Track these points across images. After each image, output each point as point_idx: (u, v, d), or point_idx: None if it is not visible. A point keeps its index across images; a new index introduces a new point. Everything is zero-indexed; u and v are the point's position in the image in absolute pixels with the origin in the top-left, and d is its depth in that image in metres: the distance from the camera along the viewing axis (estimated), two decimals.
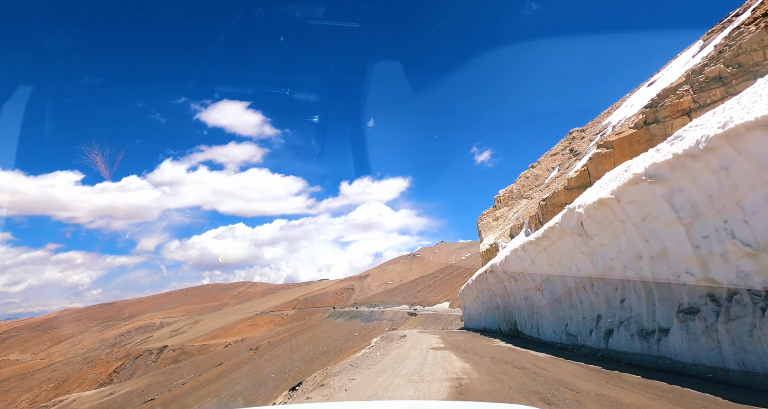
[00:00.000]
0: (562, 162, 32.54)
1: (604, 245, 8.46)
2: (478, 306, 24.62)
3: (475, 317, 26.98)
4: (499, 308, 18.95)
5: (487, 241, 31.48)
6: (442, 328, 42.30)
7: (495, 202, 40.13)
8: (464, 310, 33.20)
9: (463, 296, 28.91)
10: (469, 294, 26.31)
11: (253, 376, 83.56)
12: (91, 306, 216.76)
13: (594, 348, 9.14)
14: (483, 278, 20.21)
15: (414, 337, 17.75)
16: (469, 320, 30.23)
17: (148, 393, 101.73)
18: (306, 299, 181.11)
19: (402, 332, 22.24)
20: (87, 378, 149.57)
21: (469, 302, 27.46)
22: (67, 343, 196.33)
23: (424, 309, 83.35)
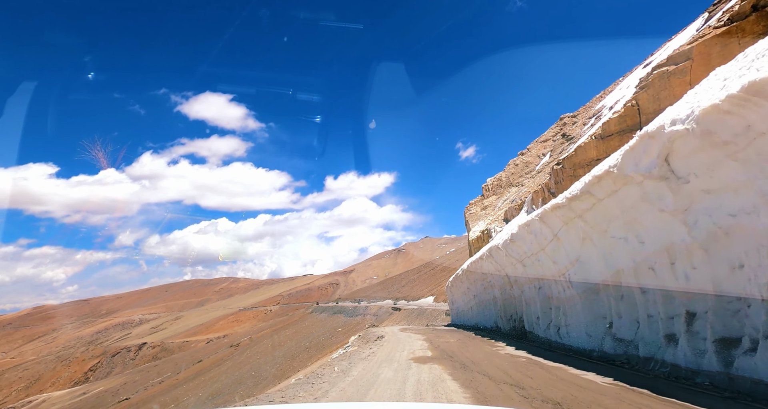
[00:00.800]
0: (554, 148, 29.03)
1: (714, 191, 4.70)
2: (469, 300, 21.33)
3: (465, 313, 23.58)
4: (496, 302, 15.39)
5: (477, 228, 27.88)
6: (427, 324, 38.67)
7: (483, 191, 36.75)
8: (452, 304, 29.82)
9: (451, 288, 25.26)
10: (459, 286, 22.80)
11: (233, 374, 79.87)
12: (66, 303, 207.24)
13: (681, 366, 5.41)
14: (476, 266, 16.66)
15: (393, 338, 14.09)
16: (458, 315, 26.87)
17: (123, 392, 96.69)
18: (290, 295, 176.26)
19: (381, 331, 18.54)
20: (61, 377, 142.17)
21: (458, 296, 24.04)
22: (40, 341, 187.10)
23: (408, 304, 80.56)
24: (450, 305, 30.67)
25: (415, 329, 20.81)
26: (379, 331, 17.99)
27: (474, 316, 21.47)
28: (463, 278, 20.95)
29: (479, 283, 17.97)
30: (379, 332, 17.53)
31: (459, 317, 27.10)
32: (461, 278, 21.50)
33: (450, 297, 28.49)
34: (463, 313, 24.62)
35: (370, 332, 18.73)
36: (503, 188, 34.80)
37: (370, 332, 19.45)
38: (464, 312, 24.32)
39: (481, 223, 31.42)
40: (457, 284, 23.13)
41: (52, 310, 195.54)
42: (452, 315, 31.13)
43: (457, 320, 28.16)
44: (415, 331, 18.30)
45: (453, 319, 30.54)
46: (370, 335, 16.86)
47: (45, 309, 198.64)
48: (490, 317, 17.58)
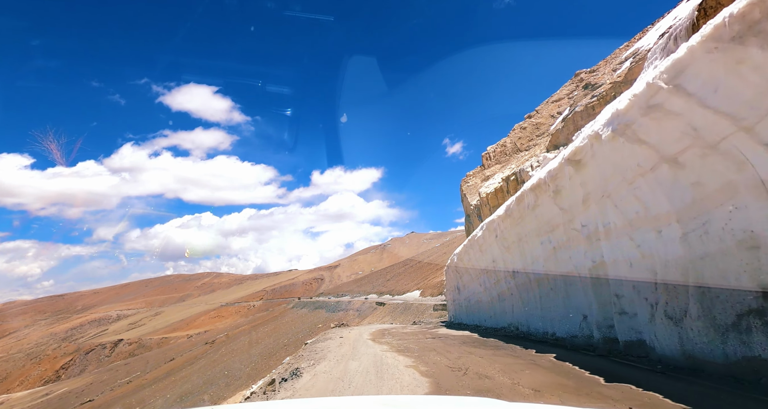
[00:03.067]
0: (574, 101, 21.46)
1: None
2: (496, 284, 12.84)
3: (482, 307, 14.47)
4: (576, 286, 7.85)
5: (491, 182, 20.84)
6: (415, 321, 31.29)
7: (483, 161, 29.86)
8: (455, 293, 20.17)
9: (457, 268, 15.94)
10: (475, 260, 13.68)
11: (205, 373, 72.06)
12: (40, 298, 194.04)
13: None
14: (518, 215, 9.42)
15: (343, 370, 6.75)
16: (466, 310, 17.28)
17: (88, 393, 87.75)
18: (274, 290, 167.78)
19: (341, 338, 11.36)
20: (30, 376, 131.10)
21: (468, 280, 15.31)
22: (11, 338, 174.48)
23: (393, 299, 73.92)
24: (451, 294, 21.33)
25: (398, 333, 13.27)
26: (341, 335, 11.04)
27: (499, 312, 12.76)
28: (485, 244, 12.10)
29: (528, 248, 9.77)
30: (337, 339, 10.42)
31: (467, 314, 17.70)
32: (481, 244, 12.45)
33: (453, 283, 18.96)
34: (476, 307, 15.40)
35: (315, 348, 10.81)
36: (508, 156, 27.91)
37: (317, 347, 11.64)
38: (478, 306, 15.03)
39: (475, 199, 24.50)
40: (471, 258, 13.57)
41: (24, 306, 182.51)
42: (454, 309, 21.32)
43: (460, 316, 18.88)
44: (400, 336, 11.34)
45: (455, 314, 21.09)
46: (311, 354, 9.53)
47: (17, 305, 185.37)
48: (553, 314, 9.04)
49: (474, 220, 23.22)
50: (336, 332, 14.79)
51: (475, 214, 22.73)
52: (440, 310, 50.48)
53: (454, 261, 17.17)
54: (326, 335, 13.18)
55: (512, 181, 15.42)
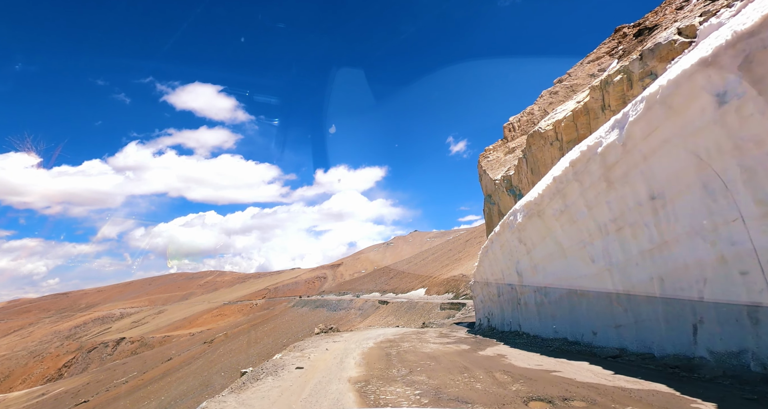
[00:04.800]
0: (626, 50, 16.26)
1: None
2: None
3: (561, 310, 8.46)
4: None
5: (564, 108, 16.06)
6: (424, 322, 26.68)
7: (505, 133, 25.36)
8: (484, 289, 14.91)
9: (505, 245, 10.14)
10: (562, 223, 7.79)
11: (202, 374, 67.98)
12: (44, 296, 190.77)
13: None
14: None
15: None
16: (514, 314, 11.22)
17: (84, 394, 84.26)
18: (276, 288, 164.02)
19: (299, 366, 6.88)
20: (33, 374, 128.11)
21: (542, 256, 8.70)
22: (15, 335, 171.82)
23: (397, 297, 69.52)
24: (480, 289, 16.30)
25: (415, 356, 7.38)
26: (288, 370, 6.33)
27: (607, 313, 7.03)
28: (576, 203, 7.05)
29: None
30: (279, 377, 5.98)
31: (540, 317, 10.46)
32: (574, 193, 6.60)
33: (487, 269, 13.61)
34: (549, 308, 9.33)
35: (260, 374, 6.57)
36: (537, 125, 23.09)
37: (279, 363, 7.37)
38: (550, 307, 9.26)
39: (503, 170, 20.00)
40: (536, 230, 8.66)
41: (29, 303, 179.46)
42: (481, 310, 16.38)
43: (498, 319, 13.15)
44: (426, 368, 6.36)
45: (482, 318, 16.07)
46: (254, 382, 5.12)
47: (21, 302, 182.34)
48: None
49: (501, 197, 18.63)
50: (311, 345, 9.66)
51: (502, 188, 18.13)
52: (447, 309, 45.75)
53: (492, 242, 11.30)
54: (292, 352, 8.65)
55: (616, 84, 9.37)
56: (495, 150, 25.55)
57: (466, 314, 33.34)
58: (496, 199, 21.05)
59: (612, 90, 9.28)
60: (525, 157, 15.34)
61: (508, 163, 21.88)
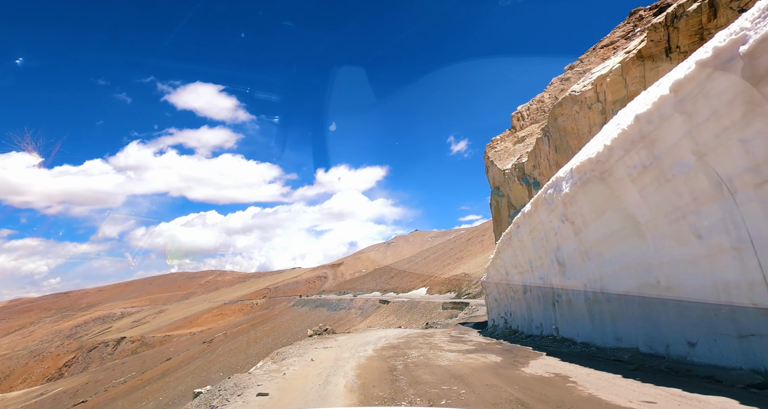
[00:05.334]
0: (652, 29, 13.13)
1: None
2: None
3: (629, 310, 6.04)
4: None
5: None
6: (426, 323, 24.47)
7: (513, 122, 23.16)
8: (504, 285, 12.56)
9: (538, 228, 8.01)
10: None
11: (200, 374, 66.12)
12: (45, 296, 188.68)
13: None
14: None
15: None
16: (547, 314, 8.82)
17: (82, 394, 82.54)
18: (277, 288, 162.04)
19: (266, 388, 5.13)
20: (33, 373, 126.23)
21: (598, 237, 6.62)
22: (16, 335, 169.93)
23: (398, 296, 67.47)
24: (494, 286, 13.91)
25: (428, 369, 6.52)
26: (248, 391, 4.70)
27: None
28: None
29: None
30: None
31: (551, 315, 8.91)
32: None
33: (508, 262, 11.27)
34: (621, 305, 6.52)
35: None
36: (548, 112, 20.84)
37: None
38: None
39: (512, 160, 17.86)
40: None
41: (29, 303, 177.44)
42: (499, 306, 13.80)
43: (523, 320, 10.88)
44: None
45: (500, 316, 13.60)
46: None
47: (22, 302, 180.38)
48: None
49: (512, 187, 16.54)
50: (296, 353, 7.57)
51: (513, 177, 16.01)
52: (450, 309, 43.57)
53: (517, 227, 9.23)
54: (268, 364, 6.69)
55: (691, 16, 6.96)
56: (503, 140, 23.44)
57: (470, 313, 31.07)
58: (505, 191, 18.93)
59: (684, 25, 7.10)
60: (546, 135, 13.18)
61: (519, 152, 19.81)
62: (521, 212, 8.53)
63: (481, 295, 50.76)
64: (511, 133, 23.37)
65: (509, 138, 22.72)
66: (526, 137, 20.60)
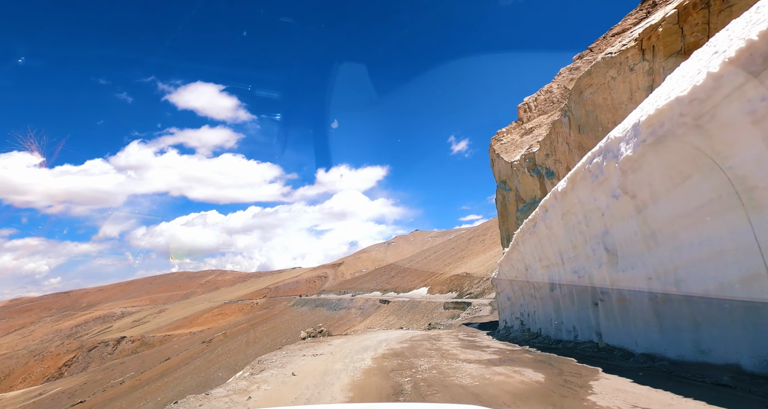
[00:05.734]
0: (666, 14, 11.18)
1: None
2: None
3: (727, 314, 4.11)
4: None
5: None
6: (429, 323, 22.92)
7: (519, 114, 21.69)
8: (521, 282, 10.90)
9: (574, 210, 6.29)
10: None
11: (199, 374, 64.81)
12: (46, 295, 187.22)
13: None
14: None
15: None
16: (585, 316, 6.88)
17: (81, 394, 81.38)
18: (277, 288, 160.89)
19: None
20: (33, 373, 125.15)
21: (674, 213, 4.60)
22: (16, 334, 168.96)
23: (398, 296, 65.94)
24: (508, 284, 12.49)
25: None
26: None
27: None
28: None
29: None
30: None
31: (590, 317, 6.88)
32: None
33: (528, 255, 9.63)
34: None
35: None
36: (556, 103, 19.47)
37: None
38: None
39: (521, 151, 16.33)
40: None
41: (30, 302, 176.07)
42: (513, 305, 12.37)
43: (547, 322, 9.10)
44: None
45: (514, 317, 12.20)
46: None
47: (23, 301, 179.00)
48: None
49: (521, 179, 15.11)
50: (279, 362, 6.25)
51: (523, 169, 14.50)
52: (452, 308, 41.97)
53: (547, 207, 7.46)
54: (239, 382, 5.36)
55: None
56: (509, 132, 21.93)
57: (473, 314, 29.43)
58: (513, 184, 17.37)
59: None
60: (567, 115, 11.57)
61: (527, 144, 18.33)
62: (551, 193, 6.89)
63: (483, 295, 49.08)
64: (517, 125, 21.81)
65: (516, 130, 21.16)
66: (535, 128, 19.04)
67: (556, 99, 20.45)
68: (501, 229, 20.38)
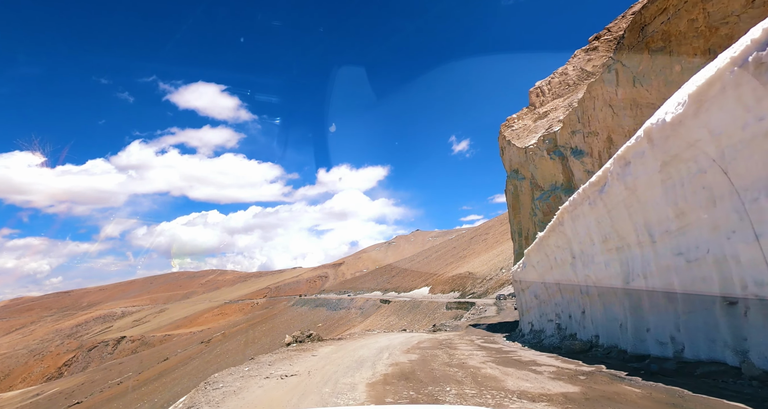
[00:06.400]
0: None
1: None
2: None
3: None
4: None
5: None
6: (434, 325, 21.42)
7: (531, 99, 20.19)
8: (567, 265, 8.19)
9: (672, 170, 4.21)
10: None
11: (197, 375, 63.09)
12: (46, 295, 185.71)
13: None
14: None
15: None
16: (695, 323, 4.44)
17: (78, 394, 79.96)
18: (278, 287, 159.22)
19: None
20: (33, 372, 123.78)
21: None
22: (17, 334, 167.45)
23: (399, 296, 64.35)
24: (531, 283, 11.26)
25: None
26: None
27: None
28: None
29: None
30: None
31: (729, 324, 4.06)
32: None
33: (574, 242, 7.57)
34: None
35: None
36: (572, 86, 17.88)
37: None
38: None
39: (536, 136, 14.86)
40: None
41: (31, 302, 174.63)
42: (541, 307, 10.92)
43: (601, 328, 6.87)
44: None
45: (544, 319, 10.71)
46: None
47: (24, 301, 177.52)
48: None
49: (539, 164, 13.64)
50: (231, 388, 4.41)
51: (541, 151, 13.03)
52: (455, 309, 40.34)
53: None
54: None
55: None
56: (520, 118, 20.42)
57: (479, 314, 27.78)
58: (527, 171, 15.84)
59: None
60: (614, 68, 9.98)
61: (542, 127, 16.72)
62: (643, 134, 4.58)
63: (486, 294, 47.45)
64: (529, 110, 20.34)
65: (528, 116, 19.69)
66: (550, 112, 17.56)
67: (572, 81, 18.93)
68: (512, 222, 18.78)
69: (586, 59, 18.61)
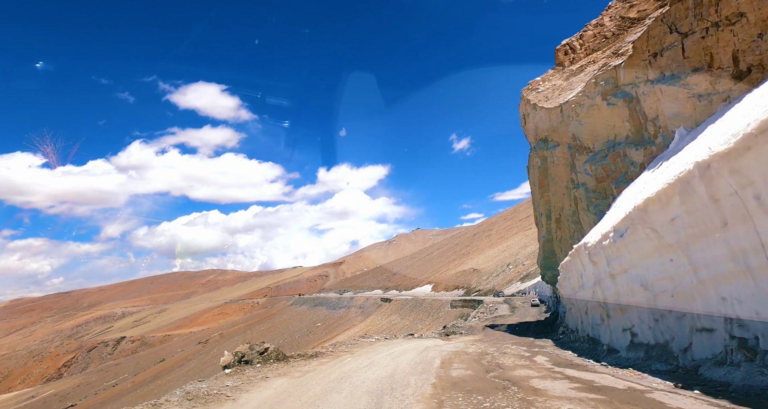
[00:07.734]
0: None
1: None
2: None
3: None
4: None
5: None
6: (444, 326, 18.02)
7: (558, 57, 17.16)
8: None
9: None
10: None
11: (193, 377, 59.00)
12: (47, 295, 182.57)
13: None
14: None
15: None
16: None
17: (73, 397, 76.73)
18: (278, 287, 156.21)
19: None
20: (32, 373, 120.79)
21: None
22: (17, 334, 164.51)
23: (400, 294, 61.14)
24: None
25: None
26: None
27: None
28: None
29: None
30: None
31: None
32: None
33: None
34: None
35: None
36: (611, 39, 14.38)
37: None
38: None
39: (569, 93, 11.40)
40: None
41: (31, 302, 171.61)
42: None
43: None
44: None
45: (610, 321, 7.68)
46: None
47: (24, 301, 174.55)
48: None
49: (585, 117, 10.54)
50: None
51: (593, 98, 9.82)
52: (460, 307, 36.87)
53: None
54: None
55: None
56: (546, 80, 17.19)
57: (491, 313, 24.25)
58: (564, 134, 12.64)
59: None
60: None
61: (580, 83, 13.33)
62: None
63: (493, 291, 44.09)
64: (556, 71, 17.14)
65: (555, 76, 16.49)
66: (587, 66, 14.32)
67: (611, 33, 15.64)
68: (537, 204, 15.46)
69: (626, 7, 15.29)
